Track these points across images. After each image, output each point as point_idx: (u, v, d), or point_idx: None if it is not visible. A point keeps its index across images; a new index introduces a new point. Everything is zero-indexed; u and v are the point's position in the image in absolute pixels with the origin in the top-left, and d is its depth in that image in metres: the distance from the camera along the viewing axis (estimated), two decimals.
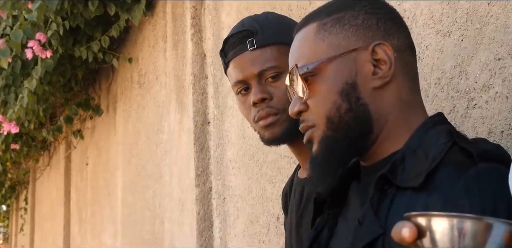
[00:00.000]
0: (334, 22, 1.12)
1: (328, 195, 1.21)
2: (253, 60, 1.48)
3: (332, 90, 1.09)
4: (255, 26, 1.49)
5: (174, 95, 3.52)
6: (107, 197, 5.14)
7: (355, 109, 1.09)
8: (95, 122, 5.59)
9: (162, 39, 3.91)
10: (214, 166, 3.09)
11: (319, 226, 1.22)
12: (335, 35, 1.11)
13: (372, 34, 1.11)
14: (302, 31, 1.16)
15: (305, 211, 1.49)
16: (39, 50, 3.95)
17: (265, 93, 1.47)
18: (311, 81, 1.11)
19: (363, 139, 1.10)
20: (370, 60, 1.10)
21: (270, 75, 1.47)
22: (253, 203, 2.70)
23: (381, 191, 1.03)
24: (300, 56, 1.14)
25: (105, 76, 5.26)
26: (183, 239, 3.29)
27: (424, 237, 0.69)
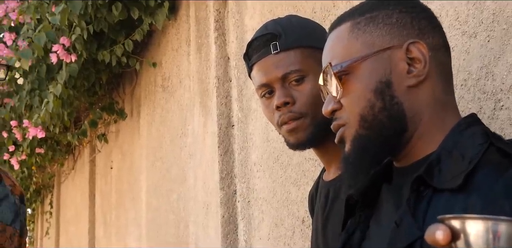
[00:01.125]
0: (368, 21, 1.12)
1: (360, 196, 1.20)
2: (277, 63, 1.47)
3: (366, 88, 1.09)
4: (278, 29, 1.49)
5: (198, 98, 3.53)
6: (132, 200, 5.16)
7: (389, 107, 1.08)
8: (119, 126, 5.61)
9: (186, 43, 3.92)
10: (238, 169, 3.09)
11: (350, 228, 1.21)
12: (369, 34, 1.11)
13: (406, 33, 1.10)
14: (335, 31, 1.16)
15: (330, 213, 1.49)
16: (63, 54, 3.98)
17: (288, 97, 1.46)
18: (345, 80, 1.11)
19: (397, 138, 1.09)
20: (404, 58, 1.09)
21: (294, 79, 1.47)
22: (278, 206, 2.69)
23: (417, 192, 1.02)
24: (334, 55, 1.14)
25: (129, 80, 5.28)
26: (208, 242, 3.29)
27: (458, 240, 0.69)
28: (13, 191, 1.70)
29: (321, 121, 1.42)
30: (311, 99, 1.46)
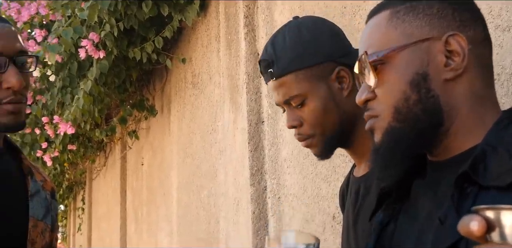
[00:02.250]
0: (408, 10, 1.10)
1: (393, 189, 1.18)
2: (277, 89, 1.54)
3: (401, 79, 1.07)
4: (272, 55, 1.54)
5: (228, 94, 3.53)
6: (163, 196, 5.18)
7: (424, 100, 1.06)
8: (150, 122, 5.64)
9: (215, 39, 3.92)
10: (268, 165, 3.09)
11: (384, 221, 1.19)
12: (408, 23, 1.09)
13: (447, 24, 1.08)
14: (374, 18, 1.13)
15: (361, 210, 1.49)
16: (92, 50, 4.00)
17: (295, 120, 1.53)
18: (381, 69, 1.09)
19: (432, 131, 1.07)
20: (443, 51, 1.07)
21: (295, 103, 1.53)
22: (309, 202, 2.69)
23: (461, 189, 1.00)
24: (371, 43, 1.11)
25: (159, 77, 5.30)
26: (239, 238, 3.29)
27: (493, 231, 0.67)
28: (44, 186, 1.71)
29: (330, 136, 1.53)
30: (315, 119, 1.52)
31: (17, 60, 1.53)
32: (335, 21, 2.50)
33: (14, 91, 1.52)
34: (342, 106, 1.53)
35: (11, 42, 1.54)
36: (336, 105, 1.52)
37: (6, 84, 1.51)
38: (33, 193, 1.65)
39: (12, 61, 1.52)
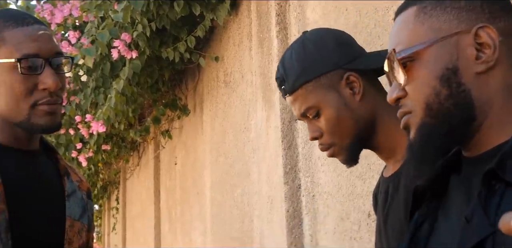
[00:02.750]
0: (435, 5, 1.08)
1: (428, 187, 1.17)
2: (293, 104, 1.59)
3: (431, 75, 1.05)
4: (282, 73, 1.59)
5: (260, 93, 3.53)
6: (196, 196, 5.20)
7: (455, 95, 1.04)
8: (183, 122, 5.66)
9: (247, 38, 3.93)
10: (302, 163, 3.08)
11: (419, 220, 1.18)
12: (436, 18, 1.07)
13: (475, 17, 1.06)
14: (401, 15, 1.12)
15: (390, 209, 1.51)
16: (124, 50, 4.03)
17: (315, 131, 1.58)
18: (410, 66, 1.07)
19: (464, 126, 1.05)
20: (472, 44, 1.05)
21: (311, 115, 1.57)
22: (343, 200, 2.68)
23: (489, 186, 0.97)
24: (399, 40, 1.10)
25: (191, 76, 5.32)
26: (273, 237, 3.29)
27: None
28: (80, 186, 1.72)
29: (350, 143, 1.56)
30: (332, 128, 1.55)
31: (53, 62, 1.54)
32: (368, 17, 2.50)
33: (50, 92, 1.53)
34: (356, 111, 1.55)
35: (47, 44, 1.55)
36: (350, 111, 1.55)
37: (43, 85, 1.52)
38: (69, 193, 1.66)
39: (48, 63, 1.53)
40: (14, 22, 1.55)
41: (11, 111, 1.54)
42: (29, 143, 1.61)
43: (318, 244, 2.90)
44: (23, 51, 1.51)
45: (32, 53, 1.52)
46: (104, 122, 4.61)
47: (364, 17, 2.53)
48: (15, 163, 1.57)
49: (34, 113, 1.53)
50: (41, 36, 1.55)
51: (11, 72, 1.52)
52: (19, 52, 1.51)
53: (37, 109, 1.53)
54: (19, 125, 1.55)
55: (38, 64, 1.52)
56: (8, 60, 1.52)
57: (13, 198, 1.51)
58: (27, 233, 1.52)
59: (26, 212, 1.52)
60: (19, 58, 1.51)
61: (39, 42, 1.53)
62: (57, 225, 1.61)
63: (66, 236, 1.60)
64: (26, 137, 1.59)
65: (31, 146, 1.62)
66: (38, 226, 1.55)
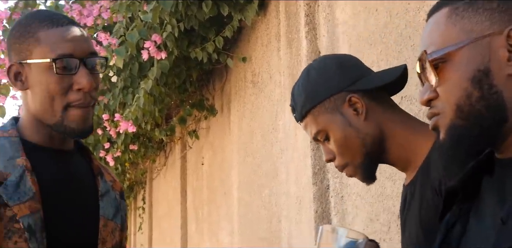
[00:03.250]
0: (467, 6, 1.07)
1: (459, 188, 1.16)
2: (305, 129, 1.68)
3: (463, 77, 1.05)
4: (292, 102, 1.70)
5: (289, 93, 3.50)
6: (223, 196, 5.21)
7: (487, 97, 1.04)
8: (210, 122, 5.67)
9: (276, 38, 3.93)
10: (331, 164, 3.06)
11: (450, 222, 1.17)
12: (468, 20, 1.06)
13: (508, 18, 1.05)
14: (433, 16, 1.12)
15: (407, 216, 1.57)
16: (154, 51, 4.06)
17: (329, 153, 1.65)
18: (442, 67, 1.07)
19: (496, 128, 1.04)
20: (505, 45, 1.04)
21: (322, 139, 1.64)
22: (373, 201, 2.67)
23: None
24: (431, 42, 1.09)
25: (218, 76, 5.33)
26: (301, 237, 3.29)
27: None
28: (114, 186, 1.74)
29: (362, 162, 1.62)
30: (341, 149, 1.61)
31: (87, 62, 1.56)
32: (398, 18, 2.49)
33: (85, 93, 1.54)
34: (362, 130, 1.60)
35: (82, 44, 1.57)
36: (356, 131, 1.60)
37: (77, 86, 1.53)
38: (103, 193, 1.67)
39: (82, 63, 1.55)
40: (49, 22, 1.56)
41: (45, 112, 1.56)
42: (63, 143, 1.63)
43: None
44: (58, 51, 1.53)
45: (67, 53, 1.53)
46: (133, 122, 4.64)
47: (395, 18, 2.52)
48: (50, 163, 1.59)
49: (67, 115, 1.55)
50: (76, 36, 1.57)
51: (47, 72, 1.53)
52: (54, 52, 1.53)
53: (69, 112, 1.54)
54: (53, 127, 1.57)
55: (73, 64, 1.54)
56: (43, 60, 1.53)
57: (48, 197, 1.53)
58: (62, 232, 1.54)
59: (61, 211, 1.54)
60: (54, 58, 1.52)
61: (73, 43, 1.55)
62: (91, 224, 1.62)
63: (99, 235, 1.61)
64: (60, 137, 1.61)
65: (65, 146, 1.64)
66: (72, 225, 1.57)
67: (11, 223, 1.46)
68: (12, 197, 1.47)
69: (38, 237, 1.47)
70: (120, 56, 4.14)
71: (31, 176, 1.52)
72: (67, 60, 1.53)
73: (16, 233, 1.46)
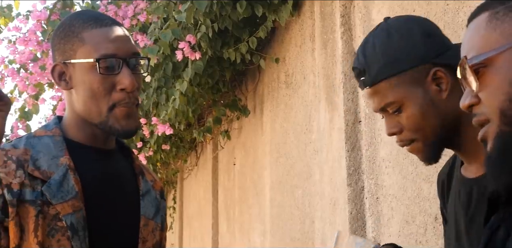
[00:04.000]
0: (507, 10, 1.06)
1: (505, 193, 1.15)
2: (372, 97, 1.53)
3: (504, 81, 1.03)
4: (362, 63, 1.52)
5: (323, 94, 3.52)
6: (255, 196, 5.22)
7: None
8: (242, 122, 5.68)
9: (310, 39, 3.92)
10: (366, 165, 3.07)
11: (494, 225, 1.16)
12: (508, 24, 1.05)
13: None
14: (474, 21, 1.11)
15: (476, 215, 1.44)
16: (188, 51, 4.08)
17: (394, 127, 1.52)
18: (482, 72, 1.05)
19: None
20: None
21: (392, 110, 1.51)
22: (409, 203, 2.66)
23: None
24: (471, 47, 1.08)
25: (251, 77, 5.34)
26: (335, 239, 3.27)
27: None
28: (154, 186, 1.75)
29: (433, 141, 1.49)
30: (415, 124, 1.49)
31: (130, 62, 1.57)
32: (437, 19, 2.47)
33: (128, 93, 1.55)
34: (442, 108, 1.48)
35: (125, 44, 1.58)
36: (435, 108, 1.48)
37: (120, 86, 1.55)
38: (144, 192, 1.69)
39: (125, 63, 1.56)
40: (93, 22, 1.59)
41: (90, 111, 1.57)
42: (106, 142, 1.65)
43: None
44: (101, 52, 1.55)
45: (110, 54, 1.55)
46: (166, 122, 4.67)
47: (433, 19, 2.49)
48: (92, 162, 1.61)
49: (112, 115, 1.56)
50: (119, 36, 1.58)
51: (90, 72, 1.55)
52: (98, 53, 1.55)
53: (115, 111, 1.56)
54: (98, 126, 1.58)
55: (116, 64, 1.55)
56: (87, 60, 1.55)
57: (91, 196, 1.55)
58: (103, 231, 1.56)
59: (103, 210, 1.56)
60: (97, 58, 1.54)
61: (116, 43, 1.57)
62: (132, 224, 1.64)
63: (140, 234, 1.63)
64: (104, 137, 1.63)
65: (107, 145, 1.65)
66: (113, 224, 1.59)
67: (54, 221, 1.48)
68: (56, 196, 1.49)
69: (80, 235, 1.49)
70: (152, 55, 4.16)
71: (74, 175, 1.54)
72: (110, 60, 1.55)
73: (59, 231, 1.48)
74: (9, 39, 4.68)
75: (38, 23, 4.32)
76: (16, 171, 1.50)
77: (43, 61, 4.43)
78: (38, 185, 1.50)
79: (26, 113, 4.58)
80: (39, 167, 1.52)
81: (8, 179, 1.48)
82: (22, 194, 1.48)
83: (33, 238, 1.46)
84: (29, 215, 1.47)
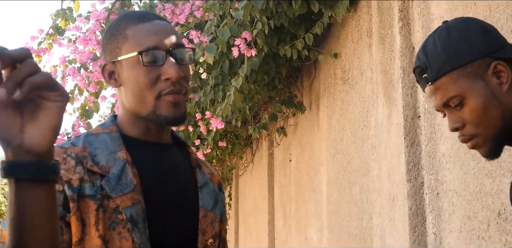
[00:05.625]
0: None
1: None
2: (434, 93, 1.56)
3: None
4: (424, 61, 1.56)
5: (381, 89, 3.50)
6: (312, 192, 5.22)
7: None
8: (298, 119, 5.69)
9: (367, 34, 3.91)
10: (425, 161, 3.05)
11: None
12: None
13: None
14: None
15: None
16: (244, 48, 4.10)
17: (457, 122, 1.54)
18: None
19: None
20: None
21: (454, 104, 1.53)
22: (470, 198, 2.64)
23: None
24: None
25: (307, 73, 5.34)
26: (395, 235, 3.27)
27: None
28: (212, 179, 1.77)
29: (495, 134, 1.51)
30: (477, 118, 1.50)
31: (174, 53, 1.59)
32: (499, 12, 2.45)
33: (173, 82, 1.57)
34: (503, 100, 1.49)
35: (167, 36, 1.59)
36: (497, 101, 1.49)
37: (164, 76, 1.57)
38: (202, 184, 1.70)
39: (169, 54, 1.58)
40: (136, 19, 1.62)
41: (139, 104, 1.60)
42: (160, 136, 1.67)
43: (442, 242, 2.86)
44: (144, 45, 1.57)
45: (152, 46, 1.57)
46: (222, 119, 4.69)
47: (495, 12, 2.47)
48: (149, 155, 1.63)
49: (159, 104, 1.58)
50: (161, 29, 1.60)
51: (135, 66, 1.58)
52: (141, 46, 1.58)
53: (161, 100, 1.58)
54: (147, 118, 1.60)
55: (160, 55, 1.57)
56: (130, 55, 1.58)
57: (149, 189, 1.57)
58: (163, 223, 1.58)
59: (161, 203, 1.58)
60: (140, 51, 1.57)
61: (158, 35, 1.59)
62: (191, 215, 1.65)
63: (199, 226, 1.64)
64: (157, 130, 1.65)
65: (162, 139, 1.68)
66: (172, 216, 1.60)
67: (115, 214, 1.51)
68: (115, 189, 1.52)
69: (140, 227, 1.52)
70: (210, 53, 4.20)
71: (132, 169, 1.56)
72: (153, 52, 1.57)
73: (120, 224, 1.51)
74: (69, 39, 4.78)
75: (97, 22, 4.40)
76: (76, 167, 1.54)
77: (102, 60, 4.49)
78: (97, 180, 1.53)
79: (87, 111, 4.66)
80: (97, 162, 1.56)
81: (68, 175, 1.52)
82: (82, 189, 1.51)
83: (95, 232, 1.49)
84: (89, 210, 1.50)
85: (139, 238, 1.51)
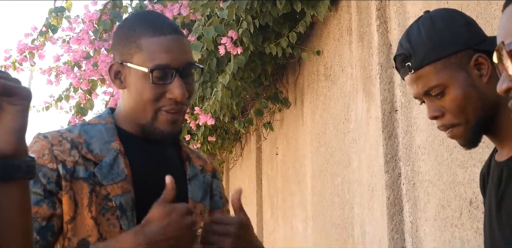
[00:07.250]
0: None
1: None
2: (416, 81, 1.56)
3: None
4: (408, 48, 1.56)
5: (361, 85, 3.59)
6: (297, 184, 5.28)
7: None
8: (284, 114, 5.75)
9: (347, 32, 4.00)
10: (402, 153, 3.11)
11: None
12: None
13: None
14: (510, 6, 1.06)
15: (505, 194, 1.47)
16: (230, 46, 4.19)
17: (437, 111, 1.55)
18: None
19: None
20: None
21: (435, 93, 1.54)
22: (444, 188, 2.69)
23: None
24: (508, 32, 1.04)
25: (292, 70, 5.41)
26: (374, 223, 3.34)
27: None
28: (205, 168, 1.82)
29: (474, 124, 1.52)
30: (458, 108, 1.52)
31: (183, 72, 1.61)
32: (469, 9, 2.51)
33: (176, 102, 1.61)
34: (483, 92, 1.50)
35: (179, 55, 1.61)
36: (477, 92, 1.51)
37: (170, 95, 1.60)
38: (191, 177, 1.76)
39: (178, 73, 1.60)
40: (152, 30, 1.61)
41: (138, 113, 1.65)
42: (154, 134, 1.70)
43: (418, 230, 2.93)
44: (155, 62, 1.58)
45: (164, 64, 1.58)
46: (212, 115, 4.78)
47: (466, 10, 2.52)
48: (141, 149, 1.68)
49: (157, 117, 1.62)
50: (174, 46, 1.60)
51: (143, 80, 1.60)
52: (152, 62, 1.58)
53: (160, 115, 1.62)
54: (143, 127, 1.66)
55: (169, 74, 1.58)
56: (141, 69, 1.59)
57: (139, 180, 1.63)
58: None
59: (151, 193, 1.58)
60: (151, 68, 1.57)
61: (171, 53, 1.58)
62: None
63: None
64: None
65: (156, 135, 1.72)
66: None
67: (105, 201, 1.57)
68: (106, 177, 1.58)
69: (128, 215, 1.58)
70: (196, 51, 4.28)
71: (124, 159, 1.62)
72: (164, 70, 1.58)
73: (109, 211, 1.56)
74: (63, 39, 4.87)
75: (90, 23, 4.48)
76: (71, 150, 1.59)
77: (95, 59, 4.59)
78: (91, 166, 1.58)
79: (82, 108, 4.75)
80: (92, 150, 1.61)
81: (63, 156, 1.57)
82: (76, 172, 1.56)
83: (87, 213, 1.54)
84: (83, 191, 1.55)
85: (127, 226, 1.56)
